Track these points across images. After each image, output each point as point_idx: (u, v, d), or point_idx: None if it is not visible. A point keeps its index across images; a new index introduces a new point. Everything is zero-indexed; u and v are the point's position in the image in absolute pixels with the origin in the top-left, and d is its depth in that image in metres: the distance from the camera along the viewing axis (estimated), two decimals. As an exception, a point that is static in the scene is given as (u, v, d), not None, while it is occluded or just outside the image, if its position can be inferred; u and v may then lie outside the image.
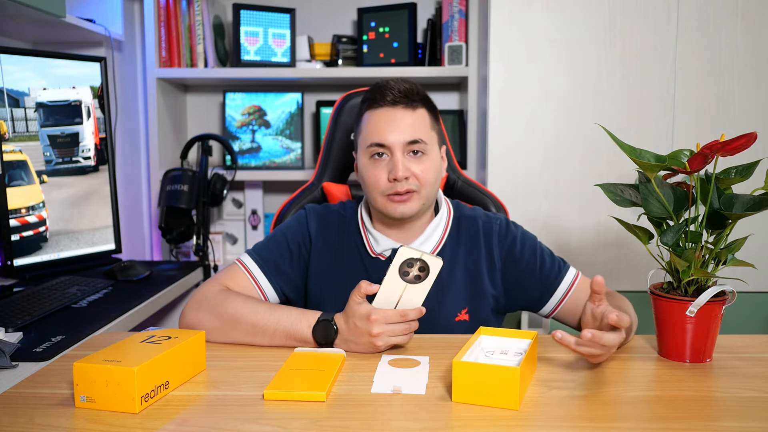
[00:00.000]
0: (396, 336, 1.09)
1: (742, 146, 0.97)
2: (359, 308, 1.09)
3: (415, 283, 1.09)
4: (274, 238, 1.34)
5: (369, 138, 1.26)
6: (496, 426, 0.84)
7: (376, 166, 1.25)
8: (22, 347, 1.19)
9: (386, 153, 1.25)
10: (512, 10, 2.06)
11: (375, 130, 1.25)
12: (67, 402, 0.90)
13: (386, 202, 1.25)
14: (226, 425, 0.83)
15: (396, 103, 1.25)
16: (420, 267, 1.09)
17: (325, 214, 1.37)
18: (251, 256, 1.30)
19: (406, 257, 1.09)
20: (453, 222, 1.35)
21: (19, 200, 1.75)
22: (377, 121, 1.26)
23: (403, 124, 1.24)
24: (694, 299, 1.03)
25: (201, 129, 2.64)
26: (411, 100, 1.26)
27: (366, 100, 1.29)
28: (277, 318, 1.14)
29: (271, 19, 2.41)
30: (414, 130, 1.25)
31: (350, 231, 1.35)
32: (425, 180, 1.25)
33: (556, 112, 2.08)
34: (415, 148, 1.25)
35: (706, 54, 2.05)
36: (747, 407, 0.90)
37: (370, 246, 1.32)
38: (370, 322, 1.07)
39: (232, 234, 2.61)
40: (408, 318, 1.09)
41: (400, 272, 1.09)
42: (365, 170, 1.27)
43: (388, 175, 1.24)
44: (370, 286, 1.09)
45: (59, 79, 1.88)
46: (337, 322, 1.11)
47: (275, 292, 1.30)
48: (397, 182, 1.23)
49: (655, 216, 1.07)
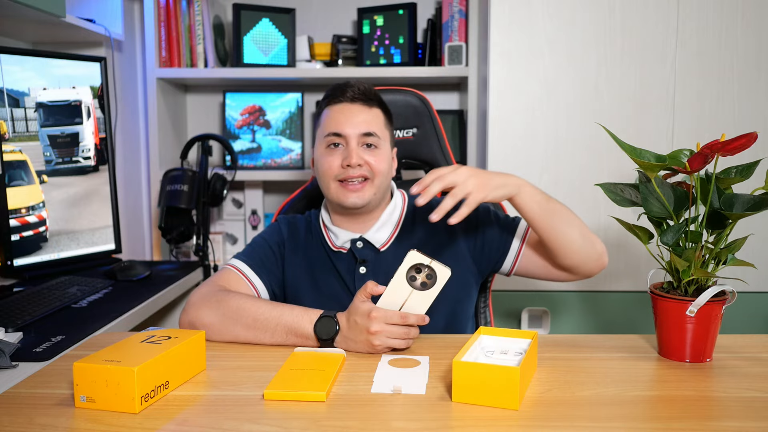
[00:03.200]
0: (394, 338, 1.09)
1: (742, 146, 0.97)
2: (362, 306, 1.10)
3: (421, 290, 1.09)
4: (255, 243, 1.41)
5: (326, 128, 1.35)
6: (496, 426, 0.84)
7: (331, 153, 1.34)
8: (22, 347, 1.19)
9: (341, 143, 1.34)
10: (512, 10, 2.06)
11: (333, 121, 1.35)
12: (67, 402, 0.90)
13: (339, 189, 1.33)
14: (226, 425, 0.83)
15: (354, 99, 1.36)
16: (428, 274, 1.09)
17: (294, 221, 1.46)
18: (240, 258, 1.36)
19: (415, 262, 1.09)
20: (408, 209, 1.42)
21: (19, 200, 1.75)
22: (336, 114, 1.35)
23: (360, 118, 1.34)
24: (694, 299, 1.03)
25: (201, 129, 2.64)
26: (368, 99, 1.37)
27: (327, 97, 1.39)
28: (279, 313, 1.15)
29: (271, 19, 2.41)
30: (369, 124, 1.35)
31: (315, 231, 1.43)
32: (378, 169, 1.33)
33: (556, 112, 2.08)
34: (369, 141, 1.34)
35: (706, 54, 2.05)
36: (747, 407, 0.90)
37: (331, 241, 1.40)
38: (370, 319, 1.08)
39: (232, 234, 2.61)
40: (408, 321, 1.09)
41: (407, 276, 1.09)
42: (320, 159, 1.36)
43: (342, 162, 1.32)
44: (377, 287, 1.11)
45: (59, 79, 1.88)
46: (338, 319, 1.12)
47: (266, 290, 1.35)
48: (351, 168, 1.31)
49: (655, 216, 1.07)
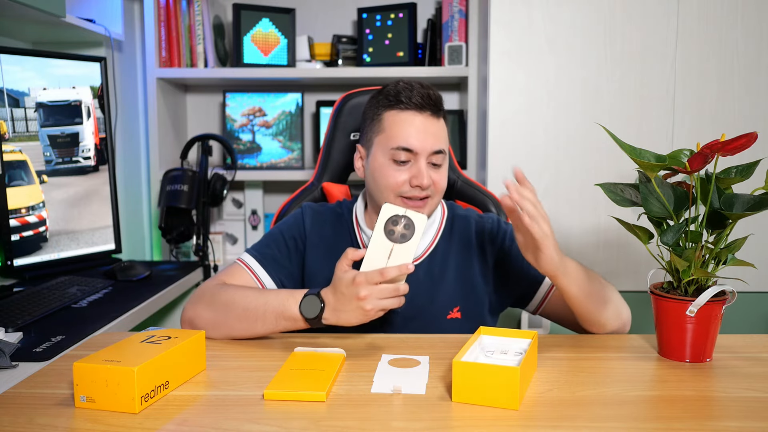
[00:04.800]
0: (385, 299, 1.06)
1: (742, 146, 0.97)
2: (345, 276, 1.07)
3: (402, 243, 1.08)
4: (271, 235, 1.35)
5: (395, 140, 1.23)
6: (496, 426, 0.84)
7: (398, 168, 1.23)
8: (22, 347, 1.19)
9: (410, 159, 1.23)
10: (512, 10, 2.06)
11: (403, 133, 1.23)
12: (67, 402, 0.90)
13: (400, 204, 1.24)
14: (226, 425, 0.83)
15: (423, 108, 1.24)
16: (405, 224, 1.08)
17: (321, 211, 1.37)
18: (250, 253, 1.32)
19: (391, 214, 1.09)
20: (447, 221, 1.36)
21: (19, 200, 1.75)
22: (405, 125, 1.23)
23: (431, 132, 1.23)
24: (694, 299, 1.03)
25: (201, 129, 2.64)
26: (438, 108, 1.26)
27: (388, 97, 1.26)
28: (265, 299, 1.14)
29: (271, 19, 2.41)
30: (439, 140, 1.25)
31: (345, 228, 1.36)
32: (441, 187, 1.26)
33: (556, 112, 2.08)
34: (437, 160, 1.25)
35: (706, 54, 2.05)
36: (747, 407, 0.90)
37: (364, 244, 1.33)
38: (356, 285, 1.05)
39: (232, 234, 2.61)
40: (389, 275, 1.05)
41: (385, 231, 1.08)
42: (382, 170, 1.25)
43: (410, 179, 1.23)
44: (357, 252, 1.09)
45: (59, 79, 1.88)
46: (323, 296, 1.10)
47: (275, 285, 1.30)
48: (419, 188, 1.22)
49: (655, 216, 1.07)
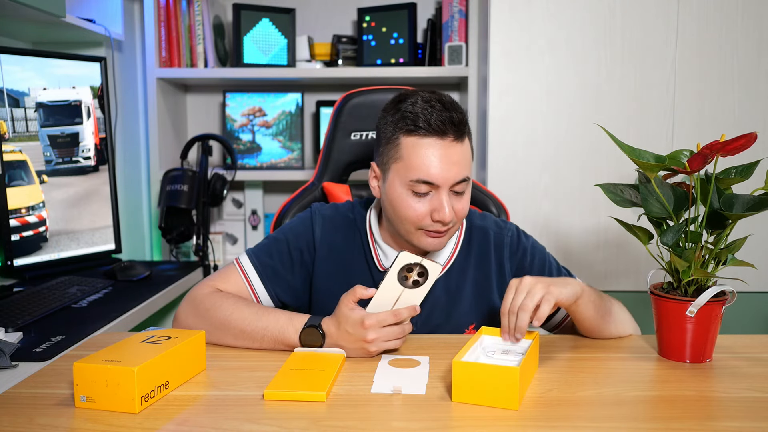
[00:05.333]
0: (390, 340, 1.06)
1: (742, 146, 0.97)
2: (352, 314, 1.05)
3: (413, 288, 1.08)
4: (276, 241, 1.28)
5: (415, 172, 1.13)
6: (496, 426, 0.84)
7: (417, 200, 1.15)
8: (22, 347, 1.19)
9: (431, 191, 1.14)
10: (512, 10, 2.06)
11: (423, 164, 1.12)
12: (67, 402, 0.90)
13: (421, 236, 1.17)
14: (226, 425, 0.83)
15: (445, 134, 1.12)
16: (419, 272, 1.08)
17: (332, 216, 1.30)
18: (250, 258, 1.26)
19: (406, 262, 1.08)
20: (465, 234, 1.30)
21: (19, 200, 1.75)
22: (425, 155, 1.12)
23: (453, 160, 1.13)
24: (694, 299, 1.03)
25: (201, 129, 2.64)
26: (461, 130, 1.14)
27: (406, 120, 1.14)
28: (264, 324, 1.11)
29: (271, 19, 2.41)
30: (462, 167, 1.14)
31: (359, 240, 1.29)
32: (462, 216, 1.19)
33: (556, 112, 2.08)
34: (460, 188, 1.15)
35: (706, 54, 2.05)
36: (747, 407, 0.90)
37: (379, 261, 1.27)
38: (365, 329, 1.04)
39: (232, 234, 2.61)
40: (401, 317, 1.06)
41: (399, 277, 1.08)
42: (401, 200, 1.15)
43: (431, 212, 1.14)
44: (366, 291, 1.07)
45: (59, 79, 1.88)
46: (325, 327, 1.08)
47: (269, 297, 1.25)
48: (441, 223, 1.15)
49: (655, 216, 1.07)
